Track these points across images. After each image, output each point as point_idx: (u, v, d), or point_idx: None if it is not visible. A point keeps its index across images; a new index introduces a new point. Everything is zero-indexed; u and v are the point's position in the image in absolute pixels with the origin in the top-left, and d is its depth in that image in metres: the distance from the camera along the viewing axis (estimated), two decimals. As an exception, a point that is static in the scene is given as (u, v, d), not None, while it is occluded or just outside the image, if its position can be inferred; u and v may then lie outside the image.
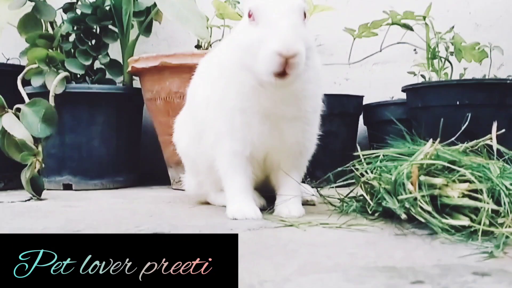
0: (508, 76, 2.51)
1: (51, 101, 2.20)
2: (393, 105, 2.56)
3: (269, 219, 1.42)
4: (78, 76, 2.49)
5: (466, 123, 1.84)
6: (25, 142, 2.00)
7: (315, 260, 0.96)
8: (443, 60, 2.30)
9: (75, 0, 2.55)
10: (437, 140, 1.35)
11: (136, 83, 2.62)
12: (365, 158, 1.50)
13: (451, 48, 2.28)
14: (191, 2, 2.30)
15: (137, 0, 2.57)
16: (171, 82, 2.27)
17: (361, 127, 2.73)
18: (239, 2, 2.43)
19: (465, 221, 1.15)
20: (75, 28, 2.50)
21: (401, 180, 1.27)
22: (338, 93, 2.60)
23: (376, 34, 2.46)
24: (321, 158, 1.69)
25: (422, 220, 1.19)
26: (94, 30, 2.55)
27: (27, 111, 2.05)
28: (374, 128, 2.63)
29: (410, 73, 2.50)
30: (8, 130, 2.00)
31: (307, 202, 1.71)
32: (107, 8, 2.53)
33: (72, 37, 2.53)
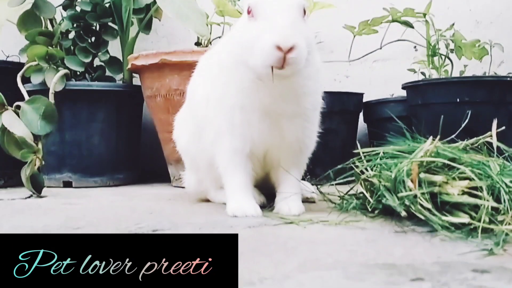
0: (509, 73, 2.51)
1: (51, 99, 2.20)
2: (393, 103, 2.57)
3: (269, 216, 1.42)
4: (78, 73, 2.49)
5: (466, 121, 1.84)
6: (25, 140, 2.00)
7: (315, 257, 0.96)
8: (443, 57, 2.30)
9: (74, -3, 2.56)
10: (437, 138, 1.35)
11: (136, 80, 2.62)
12: (365, 156, 1.50)
13: (451, 46, 2.28)
14: (191, -1, 2.30)
15: (136, -3, 2.57)
16: (171, 80, 2.27)
17: (361, 125, 2.73)
18: (239, -1, 2.43)
19: (465, 218, 1.15)
20: (74, 25, 2.50)
21: (401, 177, 1.27)
22: (338, 90, 2.60)
23: (376, 32, 2.46)
24: (321, 155, 1.69)
25: (422, 217, 1.20)
26: (94, 27, 2.55)
27: (27, 109, 2.05)
28: (374, 125, 2.63)
29: (410, 70, 2.49)
30: (8, 128, 2.00)
31: (307, 200, 1.71)
32: (107, 5, 2.53)
33: (71, 34, 2.53)
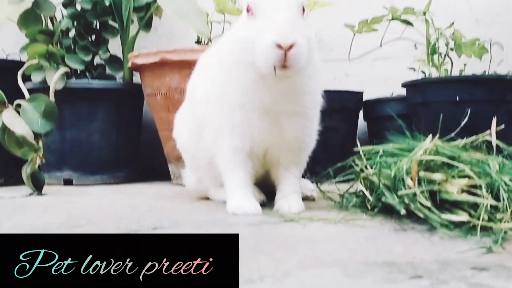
0: (508, 72, 2.50)
1: (51, 97, 2.20)
2: (393, 101, 2.57)
3: (269, 214, 1.42)
4: (78, 71, 2.49)
5: (466, 119, 1.84)
6: (26, 138, 2.00)
7: (315, 255, 0.96)
8: (443, 55, 2.30)
9: (75, -4, 2.55)
10: (436, 136, 1.35)
11: (136, 78, 2.62)
12: (365, 154, 1.50)
13: (451, 44, 2.28)
14: (191, -3, 2.30)
15: (137, -5, 2.57)
16: (171, 78, 2.27)
17: (361, 123, 2.73)
18: (239, -3, 2.43)
19: (464, 216, 1.15)
20: (75, 23, 2.50)
21: (400, 175, 1.27)
22: (338, 89, 2.60)
23: (376, 30, 2.46)
24: (321, 153, 1.69)
25: (421, 215, 1.20)
26: (94, 26, 2.55)
27: (28, 107, 2.05)
28: (374, 123, 2.63)
29: (410, 69, 2.49)
30: (9, 126, 2.00)
31: (307, 198, 1.72)
32: (107, 3, 2.53)
33: (72, 33, 2.53)
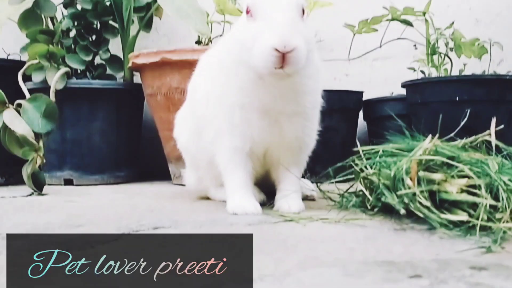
0: (508, 72, 2.51)
1: (52, 97, 2.21)
2: (392, 101, 2.57)
3: (269, 214, 1.43)
4: (79, 71, 2.49)
5: (465, 119, 1.84)
6: (26, 138, 2.00)
7: (315, 255, 0.97)
8: (442, 56, 2.31)
9: (75, -4, 2.56)
10: (436, 136, 1.35)
11: (137, 78, 2.62)
12: (364, 154, 1.51)
13: (451, 44, 2.29)
14: (191, -3, 2.30)
15: (137, -5, 2.57)
16: (172, 78, 2.28)
17: (361, 123, 2.73)
18: (239, -3, 2.43)
19: (463, 216, 1.15)
20: (75, 23, 2.50)
21: (400, 175, 1.27)
22: (338, 88, 2.60)
23: (376, 30, 2.46)
24: (321, 153, 1.70)
25: (421, 215, 1.20)
26: (95, 26, 2.56)
27: (28, 107, 2.06)
28: (373, 123, 2.64)
29: (410, 69, 2.50)
30: (9, 126, 2.00)
31: (307, 197, 1.72)
32: (108, 3, 2.53)
33: (72, 33, 2.53)
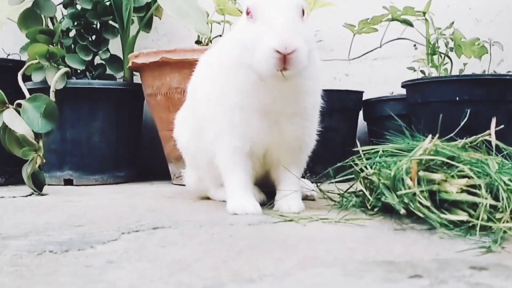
0: (508, 71, 2.51)
1: (52, 97, 2.21)
2: (392, 101, 2.57)
3: (269, 214, 1.43)
4: (79, 71, 2.49)
5: (466, 119, 1.85)
6: (26, 138, 2.00)
7: (315, 255, 0.97)
8: (442, 56, 2.31)
9: (75, -5, 2.56)
10: (436, 136, 1.35)
11: (137, 78, 2.62)
12: (364, 154, 1.51)
13: (451, 44, 2.29)
14: (191, -3, 2.30)
15: (137, -5, 2.57)
16: (172, 78, 2.28)
17: (361, 123, 2.74)
18: (239, -3, 2.43)
19: (463, 216, 1.15)
20: (75, 23, 2.50)
21: (400, 175, 1.27)
22: (338, 88, 2.61)
23: (376, 30, 2.46)
24: (321, 153, 1.70)
25: (421, 215, 1.20)
26: (95, 26, 2.56)
27: (28, 107, 2.06)
28: (373, 123, 2.64)
29: (410, 68, 2.50)
30: (9, 126, 2.00)
31: (307, 197, 1.72)
32: (107, 3, 2.54)
33: (72, 33, 2.53)
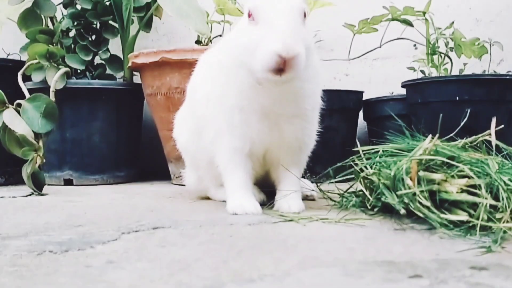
0: (508, 71, 2.51)
1: (52, 97, 2.21)
2: (392, 101, 2.57)
3: (269, 214, 1.43)
4: (79, 71, 2.49)
5: (465, 119, 1.85)
6: (26, 138, 2.00)
7: (315, 255, 0.97)
8: (442, 55, 2.30)
9: (75, -5, 2.56)
10: (436, 136, 1.35)
11: (137, 78, 2.62)
12: (364, 154, 1.51)
13: (451, 44, 2.29)
14: (191, -3, 2.30)
15: (137, -5, 2.57)
16: (172, 78, 2.28)
17: (361, 123, 2.74)
18: (239, -3, 2.43)
19: (463, 216, 1.15)
20: (75, 23, 2.50)
21: (400, 175, 1.27)
22: (338, 88, 2.61)
23: (376, 30, 2.46)
24: (321, 153, 1.70)
25: (421, 215, 1.20)
26: (95, 26, 2.55)
27: (28, 107, 2.06)
28: (373, 123, 2.64)
29: (410, 68, 2.50)
30: (9, 126, 2.00)
31: (307, 197, 1.72)
32: (107, 3, 2.54)
33: (72, 33, 2.53)
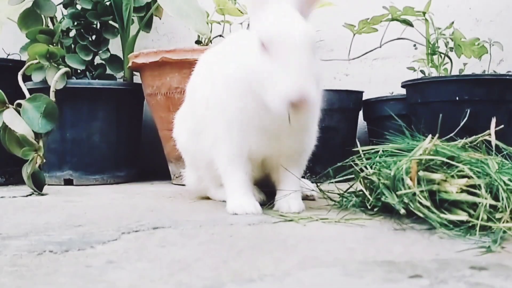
0: (508, 71, 2.51)
1: (52, 97, 2.21)
2: (392, 101, 2.57)
3: (269, 214, 1.43)
4: (79, 71, 2.49)
5: (465, 119, 1.85)
6: (26, 138, 2.00)
7: (315, 255, 0.97)
8: (442, 55, 2.31)
9: (75, -5, 2.56)
10: (436, 136, 1.35)
11: (137, 78, 2.62)
12: (364, 154, 1.51)
13: (451, 44, 2.29)
14: (191, -3, 2.30)
15: (137, -5, 2.57)
16: (172, 78, 2.28)
17: (361, 123, 2.74)
18: (239, -3, 2.43)
19: (463, 216, 1.15)
20: (75, 23, 2.50)
21: (400, 175, 1.27)
22: (338, 88, 2.60)
23: (376, 30, 2.46)
24: (321, 153, 1.69)
25: (421, 215, 1.20)
26: (95, 26, 2.55)
27: (28, 107, 2.06)
28: (373, 123, 2.64)
29: (410, 68, 2.50)
30: (9, 126, 2.00)
31: (307, 197, 1.72)
32: (108, 3, 2.54)
33: (72, 33, 2.53)
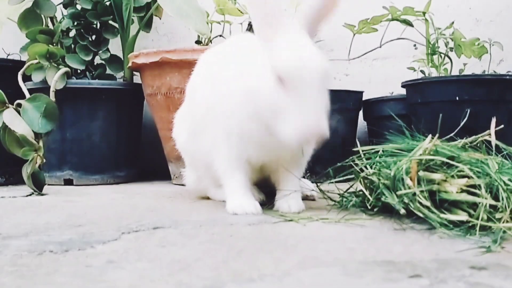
0: (508, 71, 2.51)
1: (52, 97, 2.21)
2: (392, 101, 2.57)
3: (269, 214, 1.43)
4: (79, 71, 2.49)
5: (465, 119, 1.85)
6: (26, 138, 2.00)
7: (315, 255, 0.97)
8: (442, 55, 2.31)
9: (75, -5, 2.56)
10: (436, 136, 1.35)
11: (137, 78, 2.62)
12: (364, 154, 1.51)
13: (451, 44, 2.29)
14: (191, -3, 2.30)
15: (137, -5, 2.57)
16: (172, 78, 2.28)
17: (361, 123, 2.74)
18: (239, -3, 2.43)
19: (463, 216, 1.16)
20: (75, 23, 2.50)
21: (400, 175, 1.27)
22: (338, 88, 2.60)
23: (376, 30, 2.46)
24: (321, 153, 1.69)
25: (421, 215, 1.20)
26: (95, 26, 2.55)
27: (28, 107, 2.06)
28: (373, 123, 2.64)
29: (410, 68, 2.50)
30: (9, 126, 2.00)
31: (307, 197, 1.72)
32: (107, 3, 2.54)
33: (72, 33, 2.53)
